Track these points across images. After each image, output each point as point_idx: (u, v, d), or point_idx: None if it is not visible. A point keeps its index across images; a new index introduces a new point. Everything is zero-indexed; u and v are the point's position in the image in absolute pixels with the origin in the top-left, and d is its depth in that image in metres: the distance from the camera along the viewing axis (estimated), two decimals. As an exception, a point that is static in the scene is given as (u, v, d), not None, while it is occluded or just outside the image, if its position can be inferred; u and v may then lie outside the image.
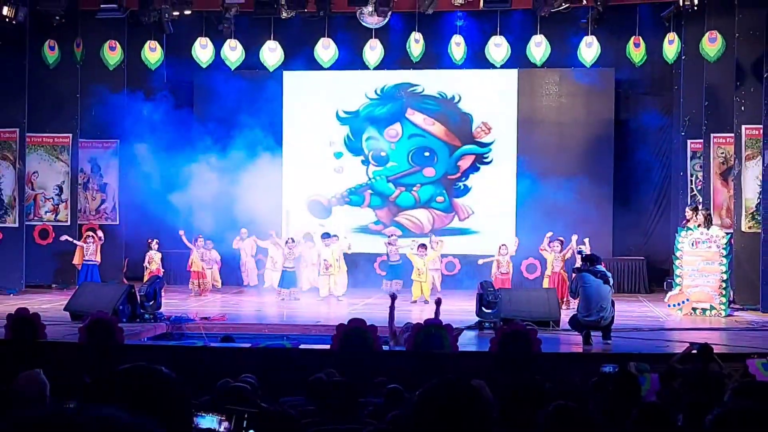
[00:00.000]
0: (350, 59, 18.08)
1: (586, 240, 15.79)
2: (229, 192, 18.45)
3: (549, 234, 15.99)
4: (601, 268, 11.28)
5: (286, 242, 16.92)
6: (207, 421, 4.73)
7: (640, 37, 17.09)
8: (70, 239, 17.39)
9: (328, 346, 9.87)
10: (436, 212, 19.55)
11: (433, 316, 10.41)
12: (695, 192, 17.55)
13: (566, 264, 15.57)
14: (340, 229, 17.81)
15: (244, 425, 4.89)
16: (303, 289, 17.09)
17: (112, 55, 17.74)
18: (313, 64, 17.97)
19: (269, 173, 18.80)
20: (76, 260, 17.34)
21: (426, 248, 16.76)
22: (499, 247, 16.40)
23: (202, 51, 17.56)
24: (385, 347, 9.87)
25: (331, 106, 19.61)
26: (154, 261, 16.98)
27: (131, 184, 18.80)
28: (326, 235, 16.86)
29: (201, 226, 18.26)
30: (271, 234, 17.69)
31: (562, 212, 17.98)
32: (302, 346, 10.42)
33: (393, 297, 10.61)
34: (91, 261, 16.99)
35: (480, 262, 16.99)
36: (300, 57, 18.39)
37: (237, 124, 18.93)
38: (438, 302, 11.23)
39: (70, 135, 18.21)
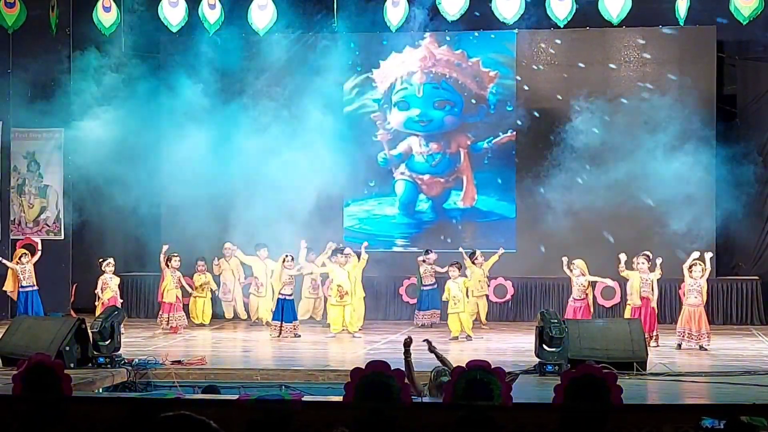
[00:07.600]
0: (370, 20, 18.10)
1: (706, 255, 15.47)
2: (213, 196, 18.46)
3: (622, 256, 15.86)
4: None
5: (284, 260, 16.80)
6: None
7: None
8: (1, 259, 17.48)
9: (340, 398, 9.88)
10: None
11: (478, 357, 10.37)
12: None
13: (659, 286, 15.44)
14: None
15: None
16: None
17: (54, 16, 17.80)
18: (317, 26, 17.98)
19: (268, 169, 18.71)
20: (8, 286, 17.35)
21: (460, 268, 16.55)
22: (569, 264, 16.28)
23: (172, 10, 17.58)
24: (415, 398, 9.89)
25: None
26: (108, 287, 16.77)
27: (80, 187, 18.88)
28: (339, 251, 16.87)
29: (175, 241, 18.23)
30: (303, 243, 17.21)
31: (645, 218, 17.87)
32: (306, 398, 10.44)
33: (406, 344, 10.56)
34: (29, 287, 17.07)
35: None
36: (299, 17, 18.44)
37: (218, 104, 18.96)
38: (429, 348, 11.00)
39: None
